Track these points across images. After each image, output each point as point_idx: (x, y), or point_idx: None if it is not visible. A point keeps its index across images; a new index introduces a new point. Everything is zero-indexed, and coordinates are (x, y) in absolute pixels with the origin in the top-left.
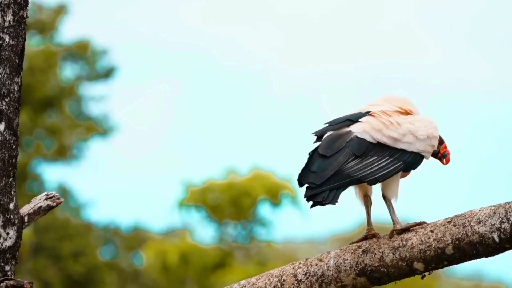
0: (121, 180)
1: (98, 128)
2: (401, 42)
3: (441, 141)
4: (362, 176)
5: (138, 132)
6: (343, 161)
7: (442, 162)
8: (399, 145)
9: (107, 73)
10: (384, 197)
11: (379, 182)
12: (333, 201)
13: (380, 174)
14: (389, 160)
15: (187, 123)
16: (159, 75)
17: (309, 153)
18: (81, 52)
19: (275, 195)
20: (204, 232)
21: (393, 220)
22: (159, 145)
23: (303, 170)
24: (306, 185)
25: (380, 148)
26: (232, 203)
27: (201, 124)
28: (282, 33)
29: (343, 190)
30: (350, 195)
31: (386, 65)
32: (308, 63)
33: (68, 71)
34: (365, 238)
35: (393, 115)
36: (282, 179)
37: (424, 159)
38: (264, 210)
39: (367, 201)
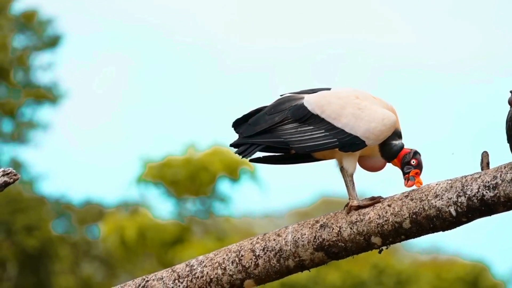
0: (73, 152)
1: (48, 95)
2: (361, 18)
3: (418, 165)
4: (290, 140)
5: (91, 104)
6: (278, 121)
7: (405, 183)
8: (338, 124)
9: (53, 42)
10: (342, 169)
11: (307, 152)
12: (247, 154)
13: (309, 144)
14: (323, 134)
15: (139, 97)
16: (111, 48)
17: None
18: (28, 22)
19: (234, 171)
20: (163, 208)
21: (350, 195)
22: (111, 118)
23: (241, 117)
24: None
25: (319, 120)
26: (190, 178)
27: (153, 98)
28: (234, 7)
29: (263, 148)
30: (306, 170)
31: (342, 41)
32: (261, 37)
33: (16, 41)
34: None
35: (348, 96)
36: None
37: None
38: (223, 185)
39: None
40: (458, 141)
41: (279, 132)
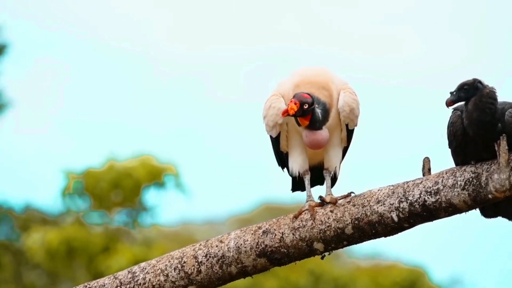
0: (11, 158)
1: None
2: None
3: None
4: None
5: (31, 111)
6: None
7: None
8: None
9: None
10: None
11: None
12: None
13: None
14: None
15: (71, 106)
16: (43, 55)
17: None
18: None
19: (158, 177)
20: (90, 219)
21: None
22: (47, 126)
23: None
24: None
25: None
26: (116, 188)
27: (87, 106)
28: (170, 11)
29: None
30: (245, 176)
31: (282, 48)
32: (197, 43)
33: None
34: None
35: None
36: (165, 162)
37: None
38: (149, 193)
39: None
40: (401, 147)
41: None
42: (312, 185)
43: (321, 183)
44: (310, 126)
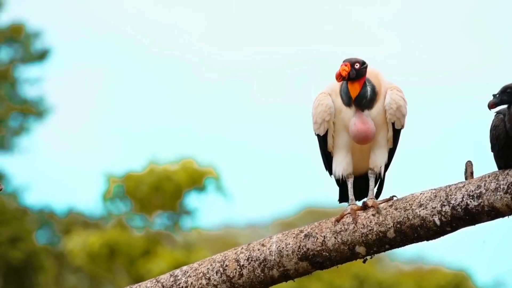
0: (55, 162)
1: (34, 110)
2: (343, 28)
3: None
4: None
5: (72, 115)
6: None
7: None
8: None
9: (41, 55)
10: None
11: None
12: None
13: None
14: None
15: (112, 111)
16: (84, 61)
17: None
18: (15, 35)
19: (199, 181)
20: (131, 222)
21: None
22: (86, 131)
23: None
24: None
25: None
26: (156, 192)
27: (128, 111)
28: (206, 15)
29: None
30: (288, 180)
31: (319, 51)
32: (238, 46)
33: (3, 54)
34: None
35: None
36: (205, 165)
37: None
38: (190, 197)
39: None
40: (443, 150)
41: None
42: (358, 198)
43: (367, 195)
44: (358, 100)
